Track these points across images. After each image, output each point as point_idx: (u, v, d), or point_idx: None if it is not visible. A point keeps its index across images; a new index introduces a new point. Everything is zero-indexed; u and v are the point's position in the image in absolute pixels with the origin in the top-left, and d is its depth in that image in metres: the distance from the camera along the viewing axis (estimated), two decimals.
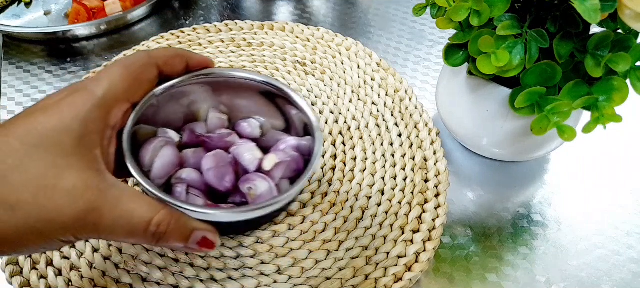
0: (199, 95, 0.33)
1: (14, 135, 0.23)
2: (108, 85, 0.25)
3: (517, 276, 0.34)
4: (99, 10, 0.54)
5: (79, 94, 0.24)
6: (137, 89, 0.27)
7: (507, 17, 0.30)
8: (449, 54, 0.33)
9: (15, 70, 0.50)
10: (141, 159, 0.29)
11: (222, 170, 0.30)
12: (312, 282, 0.32)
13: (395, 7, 0.57)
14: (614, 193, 0.39)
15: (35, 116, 0.23)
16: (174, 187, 0.29)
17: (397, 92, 0.44)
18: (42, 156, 0.22)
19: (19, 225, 0.22)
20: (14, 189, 0.22)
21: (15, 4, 0.58)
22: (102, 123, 0.25)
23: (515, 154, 0.38)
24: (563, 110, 0.29)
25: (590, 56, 0.29)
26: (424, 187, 0.37)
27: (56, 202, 0.22)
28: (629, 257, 0.35)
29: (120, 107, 0.26)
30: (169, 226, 0.24)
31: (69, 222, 0.22)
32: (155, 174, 0.29)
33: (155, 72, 0.28)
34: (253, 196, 0.29)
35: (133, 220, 0.23)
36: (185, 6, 0.58)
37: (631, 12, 0.25)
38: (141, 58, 0.27)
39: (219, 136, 0.32)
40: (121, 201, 0.23)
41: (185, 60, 0.30)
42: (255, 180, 0.29)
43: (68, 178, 0.22)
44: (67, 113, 0.23)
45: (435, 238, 0.34)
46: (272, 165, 0.30)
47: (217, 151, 0.31)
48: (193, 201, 0.29)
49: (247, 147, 0.31)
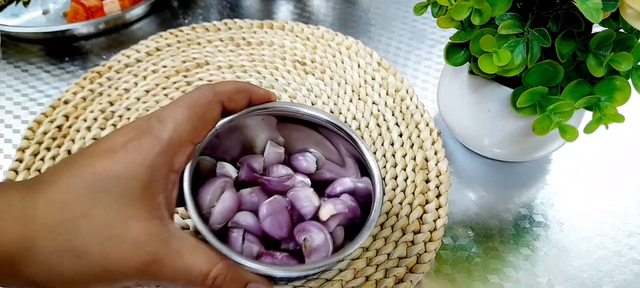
0: (257, 125, 0.33)
1: (80, 177, 0.23)
2: (173, 128, 0.25)
3: (519, 277, 0.34)
4: (97, 9, 0.54)
5: (145, 138, 0.24)
6: (201, 129, 0.27)
7: (508, 16, 0.30)
8: (450, 53, 0.33)
9: (13, 69, 0.49)
10: (200, 201, 0.29)
11: (279, 219, 0.29)
12: (313, 284, 0.32)
13: (396, 5, 0.57)
14: (616, 194, 0.38)
15: (101, 159, 0.23)
16: (231, 232, 0.29)
17: (398, 91, 0.44)
18: (109, 204, 0.22)
19: (82, 272, 0.22)
20: (81, 238, 0.22)
21: (13, 3, 0.57)
22: (167, 168, 0.25)
23: (517, 154, 0.38)
24: (565, 110, 0.29)
25: (592, 55, 0.29)
26: (425, 187, 0.37)
27: (121, 253, 0.22)
28: (630, 257, 0.35)
29: (185, 151, 0.26)
30: (225, 279, 0.25)
31: (131, 272, 0.23)
32: (215, 220, 0.29)
33: (219, 109, 0.28)
34: (309, 248, 0.28)
35: (192, 273, 0.24)
36: (184, 5, 0.58)
37: (633, 11, 0.25)
38: (206, 96, 0.27)
39: (277, 180, 0.31)
40: (181, 253, 0.24)
41: (249, 94, 0.29)
42: (311, 232, 0.29)
43: (133, 228, 0.23)
44: (133, 159, 0.23)
45: (437, 239, 0.34)
46: (328, 216, 0.29)
47: (275, 197, 0.30)
48: (249, 248, 0.29)
49: (305, 193, 0.30)
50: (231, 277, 0.25)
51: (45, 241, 0.21)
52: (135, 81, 0.45)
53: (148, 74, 0.46)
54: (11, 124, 0.44)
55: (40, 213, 0.22)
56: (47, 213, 0.22)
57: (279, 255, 0.29)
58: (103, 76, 0.46)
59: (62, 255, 0.21)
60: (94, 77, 0.45)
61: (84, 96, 0.44)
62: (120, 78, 0.46)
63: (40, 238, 0.21)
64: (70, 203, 0.22)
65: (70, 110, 0.43)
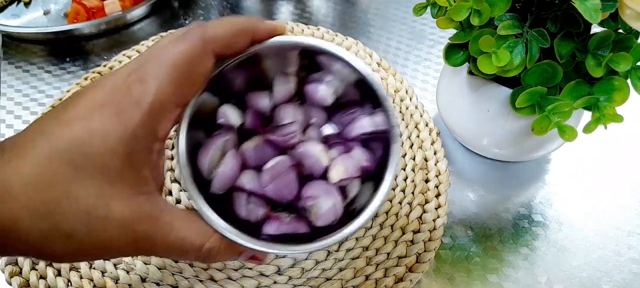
0: (265, 61, 0.29)
1: (56, 150, 0.21)
2: (155, 90, 0.22)
3: (518, 276, 0.34)
4: (98, 10, 0.54)
5: (124, 104, 0.22)
6: (188, 88, 0.24)
7: (507, 17, 0.30)
8: (450, 54, 0.33)
9: (14, 70, 0.50)
10: (199, 165, 0.26)
11: (283, 181, 0.27)
12: (312, 283, 0.32)
13: (395, 6, 0.57)
14: (614, 194, 0.39)
15: (76, 126, 0.21)
16: (235, 196, 0.27)
17: (398, 91, 0.44)
18: (89, 182, 0.21)
19: (75, 250, 0.22)
20: (66, 218, 0.21)
21: (14, 3, 0.58)
22: (150, 138, 0.22)
23: (516, 154, 0.38)
24: (564, 110, 0.29)
25: (591, 56, 0.29)
26: (425, 187, 0.37)
27: (109, 232, 0.21)
28: (629, 257, 0.35)
29: (169, 116, 0.23)
30: (219, 250, 0.24)
31: (123, 248, 0.22)
32: (216, 187, 0.27)
33: (210, 62, 0.24)
34: (315, 215, 0.27)
35: (185, 246, 0.23)
36: (185, 5, 0.58)
37: (632, 11, 0.25)
38: (193, 47, 0.23)
39: (283, 139, 0.28)
40: (172, 228, 0.23)
41: (250, 34, 0.25)
42: (319, 197, 0.27)
43: (117, 208, 0.21)
44: (111, 130, 0.21)
45: (436, 239, 0.34)
46: (338, 179, 0.27)
47: (277, 161, 0.27)
48: (253, 211, 0.27)
49: (313, 151, 0.27)
50: (225, 248, 0.24)
51: (30, 223, 0.20)
52: None
53: None
54: (12, 124, 0.44)
55: (17, 192, 0.20)
56: (26, 192, 0.20)
57: (287, 217, 0.27)
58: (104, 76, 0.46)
59: (49, 237, 0.21)
60: (95, 78, 0.46)
61: None
62: None
63: (23, 220, 0.20)
64: (49, 182, 0.21)
65: None
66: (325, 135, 0.31)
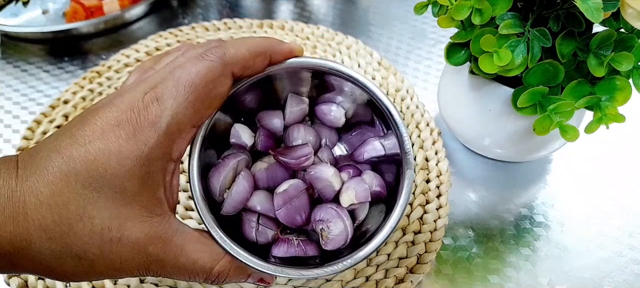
0: (280, 79, 0.29)
1: (72, 171, 0.21)
2: (172, 112, 0.22)
3: (519, 277, 0.34)
4: (96, 9, 0.54)
5: (140, 130, 0.22)
6: (205, 110, 0.24)
7: (509, 16, 0.30)
8: (451, 53, 0.33)
9: (12, 69, 0.49)
10: (210, 186, 0.27)
11: (295, 206, 0.27)
12: (312, 284, 0.32)
13: (396, 5, 0.57)
14: (616, 194, 0.38)
15: (92, 146, 0.21)
16: (245, 215, 0.28)
17: (398, 91, 0.44)
18: (104, 204, 0.21)
19: (84, 271, 0.22)
20: (79, 241, 0.21)
21: (12, 2, 0.57)
22: (166, 159, 0.22)
23: (518, 154, 0.38)
24: (565, 110, 0.29)
25: (592, 55, 0.29)
26: (426, 187, 0.37)
27: (121, 255, 0.22)
28: (631, 257, 0.35)
29: (185, 137, 0.23)
30: (228, 273, 0.24)
31: (133, 271, 0.22)
32: (227, 210, 0.27)
33: (229, 83, 0.24)
34: (326, 238, 0.27)
35: (195, 269, 0.23)
36: (184, 4, 0.58)
37: (634, 11, 0.25)
38: (213, 69, 0.23)
39: (295, 162, 0.28)
40: (184, 249, 0.23)
41: (268, 56, 0.26)
42: (330, 221, 0.26)
43: (132, 230, 0.22)
44: (127, 152, 0.21)
45: (437, 240, 0.34)
46: (348, 204, 0.27)
47: (290, 184, 0.27)
48: (263, 233, 0.27)
49: (325, 175, 0.27)
50: (234, 270, 0.24)
51: (41, 243, 0.20)
52: None
53: None
54: (10, 123, 0.44)
55: (32, 212, 0.20)
56: (41, 212, 0.20)
57: (296, 240, 0.27)
58: (102, 76, 0.46)
59: (61, 257, 0.21)
60: (93, 77, 0.45)
61: (84, 96, 0.44)
62: (119, 78, 0.46)
63: (36, 240, 0.20)
64: (63, 202, 0.21)
65: (69, 110, 0.43)
66: (336, 157, 0.31)
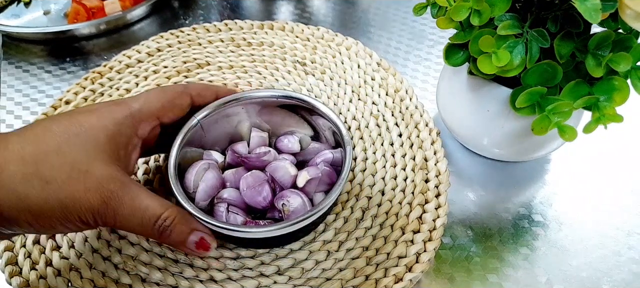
0: (239, 115, 0.36)
1: (57, 124, 0.26)
2: (143, 101, 0.30)
3: (518, 276, 0.34)
4: (98, 10, 0.54)
5: (118, 105, 0.29)
6: (168, 110, 0.31)
7: (507, 17, 0.30)
8: (450, 54, 0.33)
9: (14, 70, 0.50)
10: (186, 182, 0.32)
11: (258, 189, 0.32)
12: (312, 283, 0.32)
13: (395, 6, 0.57)
14: (614, 194, 0.39)
15: (78, 114, 0.28)
16: (216, 207, 0.32)
17: (398, 91, 0.44)
18: (79, 144, 0.26)
19: (49, 198, 0.24)
20: (50, 167, 0.25)
21: (14, 3, 0.58)
22: (132, 130, 0.29)
23: (516, 154, 0.38)
24: (564, 110, 0.29)
25: (591, 56, 0.29)
26: (425, 187, 0.37)
27: (86, 185, 0.25)
28: (629, 257, 0.35)
29: (150, 122, 0.30)
30: (174, 221, 0.27)
31: (94, 204, 0.25)
32: (200, 197, 0.32)
33: (187, 100, 0.32)
34: (287, 212, 0.31)
35: (147, 212, 0.27)
36: (185, 5, 0.58)
37: (632, 11, 0.25)
38: (178, 86, 0.33)
39: (256, 156, 0.34)
40: (139, 196, 0.27)
41: (215, 91, 0.34)
42: (288, 197, 0.31)
43: (98, 167, 0.26)
44: (105, 116, 0.28)
45: (436, 239, 0.34)
46: (304, 182, 0.32)
47: (254, 171, 0.33)
48: (234, 218, 0.32)
49: (282, 164, 0.33)
50: (180, 221, 0.28)
51: (15, 167, 0.24)
52: (136, 81, 0.45)
53: (149, 75, 0.46)
54: (12, 124, 0.44)
55: (13, 145, 0.25)
56: (20, 145, 0.25)
57: (263, 222, 0.32)
58: (104, 76, 0.46)
59: (30, 181, 0.24)
60: (95, 78, 0.46)
61: (85, 96, 0.44)
62: (121, 78, 0.46)
63: (11, 164, 0.24)
64: (43, 139, 0.25)
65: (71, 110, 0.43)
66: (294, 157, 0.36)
